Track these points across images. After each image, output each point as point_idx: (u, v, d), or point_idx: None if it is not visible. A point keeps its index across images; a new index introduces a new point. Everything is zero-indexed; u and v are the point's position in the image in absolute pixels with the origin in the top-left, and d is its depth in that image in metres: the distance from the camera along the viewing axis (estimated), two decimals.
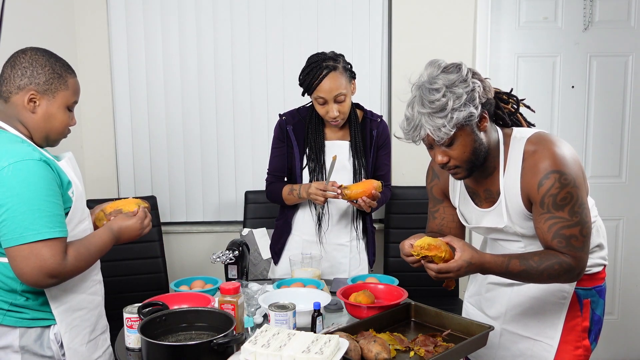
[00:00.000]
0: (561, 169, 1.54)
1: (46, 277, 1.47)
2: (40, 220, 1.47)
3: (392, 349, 1.53)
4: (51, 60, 1.61)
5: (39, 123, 1.60)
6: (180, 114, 3.20)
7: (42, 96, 1.58)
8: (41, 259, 1.45)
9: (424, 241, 1.54)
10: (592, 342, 1.76)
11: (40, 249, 1.46)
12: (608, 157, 3.29)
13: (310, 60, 2.27)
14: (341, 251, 2.43)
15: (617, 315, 3.39)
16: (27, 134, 1.61)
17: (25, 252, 1.45)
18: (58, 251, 1.48)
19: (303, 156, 2.37)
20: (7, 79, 1.58)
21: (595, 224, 1.74)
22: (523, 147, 1.62)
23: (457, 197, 1.81)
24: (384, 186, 2.43)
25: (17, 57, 1.60)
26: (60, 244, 1.50)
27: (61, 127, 1.64)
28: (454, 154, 1.57)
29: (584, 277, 1.71)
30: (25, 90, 1.57)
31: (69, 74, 1.64)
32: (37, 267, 1.46)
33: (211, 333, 1.58)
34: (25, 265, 1.46)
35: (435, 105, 1.50)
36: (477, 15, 3.11)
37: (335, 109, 2.24)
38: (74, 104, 1.67)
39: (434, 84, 1.52)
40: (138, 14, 3.11)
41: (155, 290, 2.87)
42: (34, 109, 1.58)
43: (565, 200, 1.54)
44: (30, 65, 1.57)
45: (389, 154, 2.47)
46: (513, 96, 1.74)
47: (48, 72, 1.58)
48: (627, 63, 3.22)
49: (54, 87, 1.59)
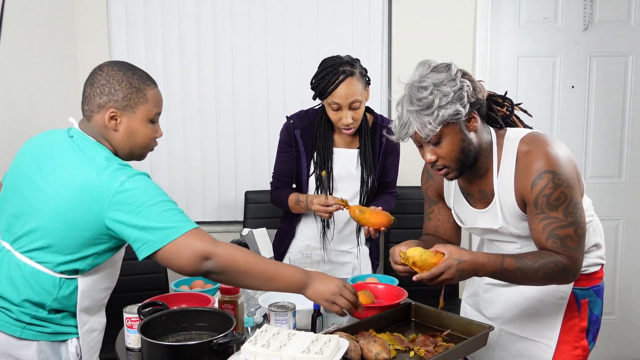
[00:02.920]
0: (555, 169, 1.54)
1: (201, 260, 1.47)
2: (175, 217, 1.50)
3: (392, 349, 1.53)
4: (128, 74, 1.56)
5: (123, 140, 1.58)
6: (180, 113, 3.19)
7: (123, 113, 1.55)
8: (191, 246, 1.46)
9: (415, 257, 1.50)
10: (591, 342, 1.76)
11: (188, 240, 1.47)
12: (608, 157, 3.29)
13: (326, 63, 2.19)
14: (344, 257, 2.41)
15: (617, 315, 3.39)
16: (112, 150, 1.59)
17: (175, 248, 1.46)
18: (202, 236, 1.49)
19: (310, 163, 2.30)
20: (88, 98, 1.56)
21: (592, 224, 1.74)
22: (516, 148, 1.62)
23: (452, 198, 1.80)
24: (390, 193, 2.41)
25: (94, 74, 1.57)
26: (201, 231, 1.51)
27: (145, 141, 1.62)
28: (442, 152, 1.58)
29: (582, 277, 1.71)
30: (106, 109, 1.54)
31: (148, 86, 1.59)
32: (191, 255, 1.46)
33: (211, 333, 1.58)
34: (181, 259, 1.46)
35: (423, 102, 1.52)
36: (477, 15, 3.11)
37: (349, 115, 2.16)
38: (156, 115, 1.63)
39: (422, 82, 1.54)
40: (138, 14, 3.11)
41: (155, 290, 2.86)
42: (115, 127, 1.56)
43: (559, 201, 1.54)
44: (108, 82, 1.54)
45: (397, 161, 2.40)
46: (507, 99, 1.74)
47: (125, 88, 1.55)
48: (627, 63, 3.22)
49: (133, 102, 1.56)
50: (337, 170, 2.30)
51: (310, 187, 2.32)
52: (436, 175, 1.84)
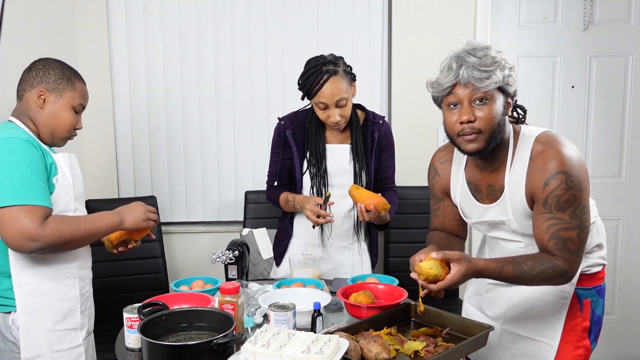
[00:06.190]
0: (568, 170, 1.54)
1: (27, 241, 1.54)
2: (20, 189, 1.55)
3: (392, 349, 1.53)
4: (63, 66, 1.80)
5: (46, 119, 1.75)
6: (180, 114, 3.20)
7: (51, 94, 1.75)
8: (20, 222, 1.53)
9: (428, 271, 1.53)
10: (593, 342, 1.76)
11: (18, 213, 1.54)
12: (608, 157, 3.29)
13: (310, 64, 2.22)
14: (344, 253, 2.42)
15: (617, 315, 3.39)
16: (34, 130, 1.75)
17: (5, 217, 1.54)
18: (36, 216, 1.55)
19: (303, 161, 2.34)
20: (23, 80, 1.78)
21: (595, 224, 1.74)
22: (531, 146, 1.61)
23: (459, 194, 1.80)
24: (390, 189, 2.42)
25: (34, 63, 1.79)
26: (40, 211, 1.57)
27: (66, 125, 1.78)
28: (482, 115, 1.55)
29: (584, 277, 1.72)
30: (37, 88, 1.75)
31: (78, 80, 1.82)
32: (17, 231, 1.53)
33: (211, 333, 1.58)
34: (7, 230, 1.54)
35: (485, 59, 1.53)
36: (477, 15, 3.11)
37: (337, 113, 2.20)
38: (79, 106, 1.82)
39: (476, 50, 1.56)
40: (138, 14, 3.11)
41: (155, 290, 2.87)
42: (42, 105, 1.75)
43: (569, 202, 1.54)
44: (44, 67, 1.77)
45: (392, 157, 2.42)
46: (521, 107, 1.75)
47: (58, 74, 1.77)
48: (627, 63, 3.22)
49: (62, 87, 1.77)
50: (331, 165, 2.33)
51: (305, 185, 2.36)
52: (443, 171, 1.84)
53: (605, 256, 1.79)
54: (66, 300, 1.73)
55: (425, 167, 1.95)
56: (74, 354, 1.75)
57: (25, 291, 1.65)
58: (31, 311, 1.66)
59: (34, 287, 1.66)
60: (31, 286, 1.66)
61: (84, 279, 1.80)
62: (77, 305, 1.76)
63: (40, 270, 1.67)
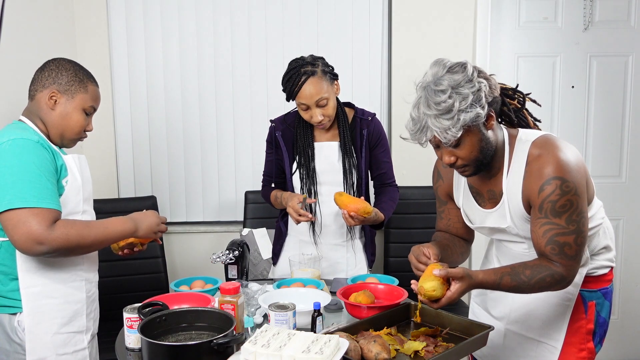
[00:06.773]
0: (564, 175, 1.53)
1: (34, 244, 1.53)
2: (29, 191, 1.55)
3: (392, 349, 1.53)
4: (76, 67, 1.78)
5: (56, 120, 1.73)
6: (180, 114, 3.20)
7: (62, 95, 1.74)
8: (28, 225, 1.53)
9: (431, 293, 1.53)
10: (597, 344, 1.75)
11: (27, 216, 1.53)
12: (608, 157, 3.29)
13: (290, 66, 2.24)
14: (337, 251, 2.42)
15: (617, 315, 3.38)
16: (44, 131, 1.74)
17: (14, 220, 1.53)
18: (45, 219, 1.54)
19: (293, 162, 2.37)
20: (35, 80, 1.76)
21: (602, 226, 1.73)
22: (528, 150, 1.60)
23: (461, 197, 1.80)
24: (389, 185, 2.42)
25: (47, 63, 1.78)
26: (49, 214, 1.56)
27: (76, 127, 1.76)
28: (462, 154, 1.56)
29: (590, 279, 1.71)
30: (49, 89, 1.73)
31: (90, 82, 1.80)
32: (25, 234, 1.52)
33: (211, 333, 1.58)
34: (15, 232, 1.53)
35: (442, 107, 1.47)
36: (477, 15, 3.11)
37: (318, 113, 2.21)
38: (91, 108, 1.80)
39: (439, 84, 1.49)
40: (138, 14, 3.11)
41: (155, 290, 2.87)
42: (53, 107, 1.73)
43: (565, 208, 1.53)
44: (57, 68, 1.75)
45: (387, 152, 2.42)
46: (519, 92, 1.73)
47: (71, 75, 1.75)
48: (627, 63, 3.22)
49: (74, 89, 1.75)
50: (320, 163, 2.34)
51: (295, 185, 2.38)
52: (446, 175, 1.84)
53: (614, 258, 1.77)
54: (72, 303, 1.72)
55: (425, 167, 1.96)
56: (79, 356, 1.74)
57: (31, 293, 1.64)
58: (37, 313, 1.65)
59: (40, 289, 1.65)
60: (37, 288, 1.64)
61: (90, 282, 1.79)
62: (83, 308, 1.75)
63: (47, 273, 1.66)
